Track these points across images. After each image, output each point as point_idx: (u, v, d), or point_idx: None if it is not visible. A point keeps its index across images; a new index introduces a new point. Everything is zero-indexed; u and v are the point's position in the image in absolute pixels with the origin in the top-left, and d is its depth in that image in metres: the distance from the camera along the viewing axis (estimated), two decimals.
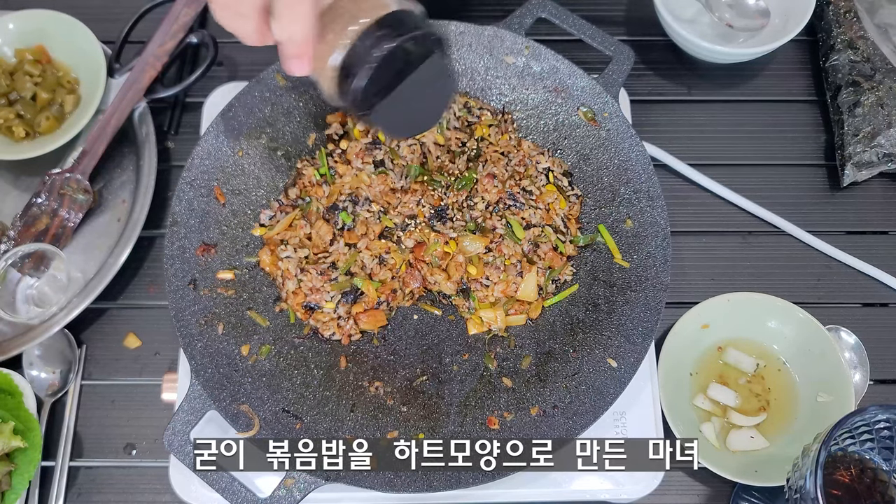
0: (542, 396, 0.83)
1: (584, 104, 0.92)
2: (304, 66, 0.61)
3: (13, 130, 0.98)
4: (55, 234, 0.95)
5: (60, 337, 0.92)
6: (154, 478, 0.88)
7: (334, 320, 0.86)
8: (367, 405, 0.84)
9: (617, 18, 1.12)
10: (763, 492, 0.87)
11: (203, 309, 0.85)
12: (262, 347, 0.85)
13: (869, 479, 0.74)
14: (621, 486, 0.83)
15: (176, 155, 1.03)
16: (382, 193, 0.89)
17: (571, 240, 0.90)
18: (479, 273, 0.86)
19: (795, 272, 0.98)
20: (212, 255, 0.87)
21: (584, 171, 0.93)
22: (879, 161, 0.98)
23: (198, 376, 0.80)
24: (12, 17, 1.01)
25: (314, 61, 0.61)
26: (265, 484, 0.78)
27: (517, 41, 0.93)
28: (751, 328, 0.91)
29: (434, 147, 0.91)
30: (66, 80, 1.01)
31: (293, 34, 0.58)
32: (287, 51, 0.60)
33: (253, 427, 0.79)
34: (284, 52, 0.60)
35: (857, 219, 1.01)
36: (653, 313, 0.83)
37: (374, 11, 0.61)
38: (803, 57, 1.09)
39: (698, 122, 1.06)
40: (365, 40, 0.60)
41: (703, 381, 0.90)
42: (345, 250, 0.86)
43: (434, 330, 0.88)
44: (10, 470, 0.84)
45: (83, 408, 0.92)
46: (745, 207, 1.00)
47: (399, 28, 0.60)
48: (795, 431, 0.87)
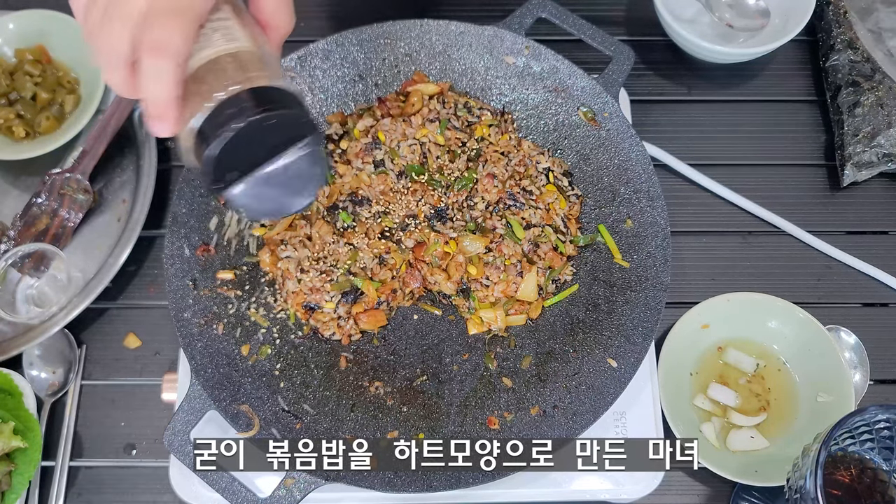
0: (542, 396, 0.83)
1: (584, 104, 0.92)
2: (165, 128, 0.56)
3: (13, 130, 0.98)
4: (55, 234, 0.95)
5: (60, 337, 0.92)
6: (154, 478, 0.88)
7: (334, 320, 0.86)
8: (367, 405, 0.84)
9: (617, 18, 1.12)
10: (763, 492, 0.87)
11: (203, 309, 0.85)
12: (262, 347, 0.85)
13: (869, 479, 0.74)
14: (621, 486, 0.83)
15: (176, 155, 1.03)
16: (382, 193, 0.89)
17: (571, 240, 0.90)
18: (479, 273, 0.86)
19: (795, 272, 0.98)
20: (212, 255, 0.87)
21: (584, 171, 0.93)
22: (879, 161, 0.98)
23: (198, 376, 0.80)
24: (12, 17, 1.01)
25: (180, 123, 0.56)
26: (265, 484, 0.78)
27: (517, 41, 0.93)
28: (751, 328, 0.91)
29: (434, 147, 0.91)
30: (66, 80, 1.01)
31: (154, 94, 0.54)
32: (148, 110, 0.55)
33: (253, 427, 0.79)
34: (145, 111, 0.56)
35: (857, 219, 1.01)
36: (653, 313, 0.83)
37: (248, 82, 0.56)
38: (803, 57, 1.09)
39: (698, 122, 1.06)
40: (228, 108, 0.55)
41: (703, 381, 0.90)
42: (345, 250, 0.86)
43: (434, 330, 0.88)
44: (10, 470, 0.84)
45: (83, 408, 0.92)
46: (745, 207, 1.00)
47: (268, 104, 0.55)
48: (795, 431, 0.87)
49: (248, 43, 0.58)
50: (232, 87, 0.55)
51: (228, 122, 0.54)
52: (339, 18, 1.12)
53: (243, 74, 0.56)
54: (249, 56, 0.58)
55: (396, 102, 0.94)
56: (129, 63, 0.54)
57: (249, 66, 0.57)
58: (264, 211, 0.64)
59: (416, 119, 0.91)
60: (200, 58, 0.56)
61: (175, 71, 0.54)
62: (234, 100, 0.55)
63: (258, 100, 0.55)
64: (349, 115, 0.95)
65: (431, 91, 0.94)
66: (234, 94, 0.55)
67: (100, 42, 0.55)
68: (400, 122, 0.91)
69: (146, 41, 0.53)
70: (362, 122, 0.92)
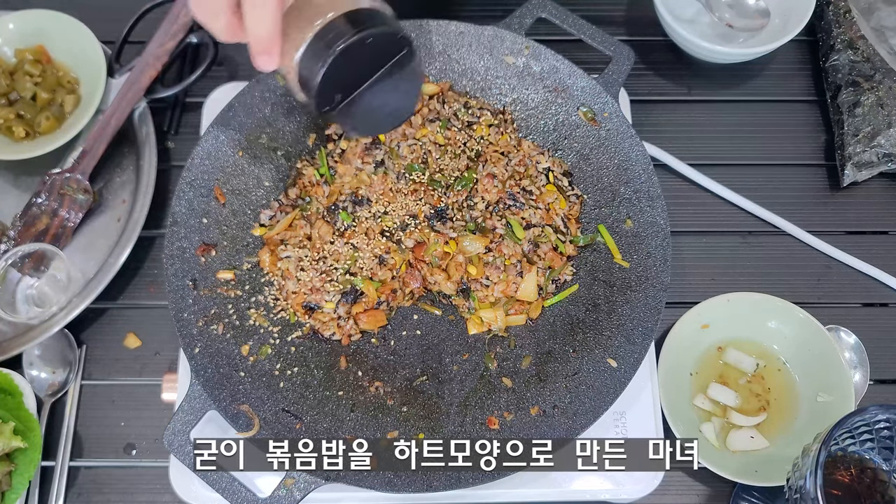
0: (542, 396, 0.83)
1: (584, 104, 0.92)
2: (271, 62, 0.61)
3: (13, 130, 0.98)
4: (55, 234, 0.95)
5: (60, 337, 0.92)
6: (154, 478, 0.88)
7: (334, 320, 0.86)
8: (367, 405, 0.84)
9: (617, 18, 1.12)
10: (763, 492, 0.87)
11: (203, 309, 0.85)
12: (262, 347, 0.85)
13: (869, 479, 0.74)
14: (621, 486, 0.83)
15: (176, 155, 1.03)
16: (382, 193, 0.89)
17: (571, 240, 0.90)
18: (479, 273, 0.86)
19: (795, 272, 0.98)
20: (212, 255, 0.87)
21: (584, 171, 0.93)
22: (879, 161, 0.98)
23: (198, 376, 0.80)
24: (12, 17, 1.01)
25: (282, 57, 0.61)
26: (265, 484, 0.78)
27: (517, 41, 0.93)
28: (751, 328, 0.91)
29: (434, 147, 0.91)
30: (66, 80, 1.01)
31: (259, 30, 0.59)
32: (254, 47, 0.61)
33: (253, 427, 0.79)
34: (252, 49, 0.61)
35: (857, 219, 1.01)
36: (653, 313, 0.83)
37: (341, 8, 0.61)
38: (803, 57, 1.09)
39: (698, 122, 1.06)
40: (326, 35, 0.60)
41: (703, 381, 0.90)
42: (345, 250, 0.86)
43: (434, 330, 0.88)
44: (10, 470, 0.84)
45: (83, 408, 0.92)
46: (745, 207, 1.00)
47: (363, 24, 0.60)
48: (795, 431, 0.87)
49: None
50: (329, 14, 0.60)
51: (330, 46, 0.59)
52: None
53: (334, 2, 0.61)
54: None
55: None
56: (232, 7, 0.60)
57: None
58: (372, 126, 0.71)
59: (416, 119, 0.91)
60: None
61: (277, 6, 0.58)
62: (331, 25, 0.60)
63: (353, 22, 0.60)
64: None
65: (431, 91, 0.94)
66: (330, 21, 0.60)
67: None
68: None
69: None
70: None
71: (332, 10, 0.60)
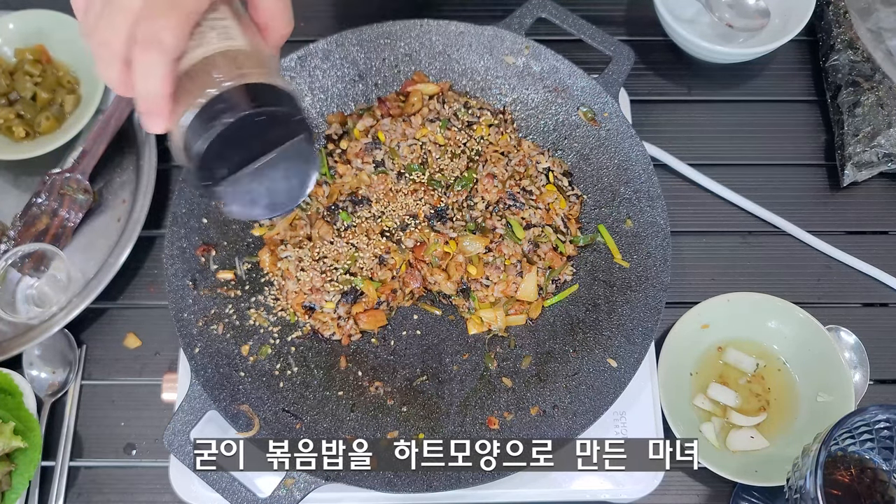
0: (542, 396, 0.83)
1: (584, 104, 0.92)
2: (158, 123, 0.56)
3: (13, 130, 0.98)
4: (55, 234, 0.95)
5: (60, 337, 0.92)
6: (154, 478, 0.88)
7: (334, 320, 0.86)
8: (367, 405, 0.84)
9: (617, 18, 1.12)
10: (763, 492, 0.87)
11: (203, 309, 0.85)
12: (262, 347, 0.85)
13: (869, 479, 0.74)
14: (621, 486, 0.83)
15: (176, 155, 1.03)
16: (383, 193, 0.89)
17: (571, 240, 0.90)
18: (479, 273, 0.86)
19: (795, 272, 0.98)
20: (212, 255, 0.87)
21: (584, 171, 0.93)
22: (879, 161, 0.98)
23: (198, 376, 0.80)
24: (12, 17, 1.01)
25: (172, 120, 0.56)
26: (265, 484, 0.78)
27: (517, 41, 0.93)
28: (751, 328, 0.91)
29: (434, 147, 0.91)
30: (66, 80, 1.01)
31: (146, 89, 0.55)
32: (141, 106, 0.56)
33: (253, 427, 0.79)
34: (138, 107, 0.56)
35: (857, 219, 1.01)
36: (653, 313, 0.83)
37: (241, 78, 0.56)
38: (803, 57, 1.09)
39: (698, 122, 1.06)
40: (218, 104, 0.55)
41: (703, 381, 0.90)
42: (345, 250, 0.86)
43: (434, 330, 0.88)
44: (10, 470, 0.84)
45: (83, 408, 0.92)
46: (745, 207, 1.00)
47: (259, 101, 0.56)
48: (795, 431, 0.87)
49: (244, 42, 0.58)
50: (224, 83, 0.55)
51: (218, 117, 0.54)
52: (339, 18, 1.12)
53: (237, 71, 0.56)
54: (245, 55, 0.57)
55: (396, 102, 0.94)
56: (124, 59, 0.55)
57: (244, 64, 0.57)
58: (253, 211, 0.63)
59: (416, 119, 0.91)
60: (195, 56, 0.56)
61: (167, 66, 0.54)
62: (226, 96, 0.55)
63: (250, 96, 0.55)
64: (349, 115, 0.95)
65: (431, 91, 0.94)
66: (226, 90, 0.55)
67: (96, 38, 0.55)
68: (400, 122, 0.91)
69: (139, 37, 0.54)
70: (362, 122, 0.92)
71: (232, 79, 0.55)
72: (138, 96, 0.56)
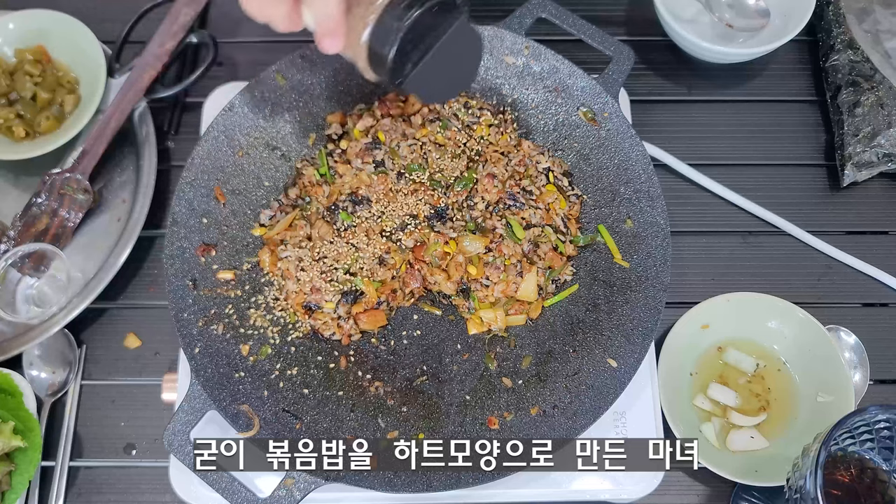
0: (542, 396, 0.83)
1: (584, 104, 0.92)
2: (336, 43, 0.63)
3: (13, 130, 0.98)
4: (55, 234, 0.95)
5: (60, 337, 0.92)
6: (154, 478, 0.88)
7: (334, 320, 0.86)
8: (367, 405, 0.84)
9: (617, 18, 1.12)
10: (763, 492, 0.87)
11: (203, 309, 0.85)
12: (262, 347, 0.85)
13: (869, 479, 0.74)
14: (621, 486, 0.83)
15: (176, 155, 1.03)
16: (383, 193, 0.89)
17: (571, 240, 0.90)
18: (479, 273, 0.86)
19: (795, 272, 0.98)
20: (212, 255, 0.87)
21: (584, 171, 0.93)
22: (879, 161, 0.98)
23: (198, 376, 0.80)
24: (12, 17, 1.01)
25: (346, 37, 0.64)
26: (265, 484, 0.78)
27: (517, 41, 0.93)
28: (751, 328, 0.91)
29: (434, 147, 0.91)
30: (66, 80, 1.01)
31: (326, 11, 0.61)
32: (320, 29, 0.63)
33: (253, 427, 0.79)
34: (317, 31, 0.63)
35: (857, 219, 1.01)
36: (653, 313, 0.83)
37: None
38: (803, 57, 1.09)
39: (698, 122, 1.06)
40: (392, 10, 0.63)
41: (703, 381, 0.90)
42: (345, 250, 0.86)
43: (434, 330, 0.88)
44: (10, 470, 0.84)
45: (83, 408, 0.92)
46: (745, 207, 1.00)
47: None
48: (795, 431, 0.87)
49: None
50: None
51: (396, 22, 0.63)
52: None
53: None
54: None
55: (396, 102, 0.94)
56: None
57: None
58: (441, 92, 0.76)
59: (416, 119, 0.91)
60: None
61: None
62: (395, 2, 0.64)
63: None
64: (349, 115, 0.95)
65: None
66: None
67: None
68: (400, 122, 0.91)
69: None
70: (362, 122, 0.92)
71: None
72: (318, 20, 0.63)
